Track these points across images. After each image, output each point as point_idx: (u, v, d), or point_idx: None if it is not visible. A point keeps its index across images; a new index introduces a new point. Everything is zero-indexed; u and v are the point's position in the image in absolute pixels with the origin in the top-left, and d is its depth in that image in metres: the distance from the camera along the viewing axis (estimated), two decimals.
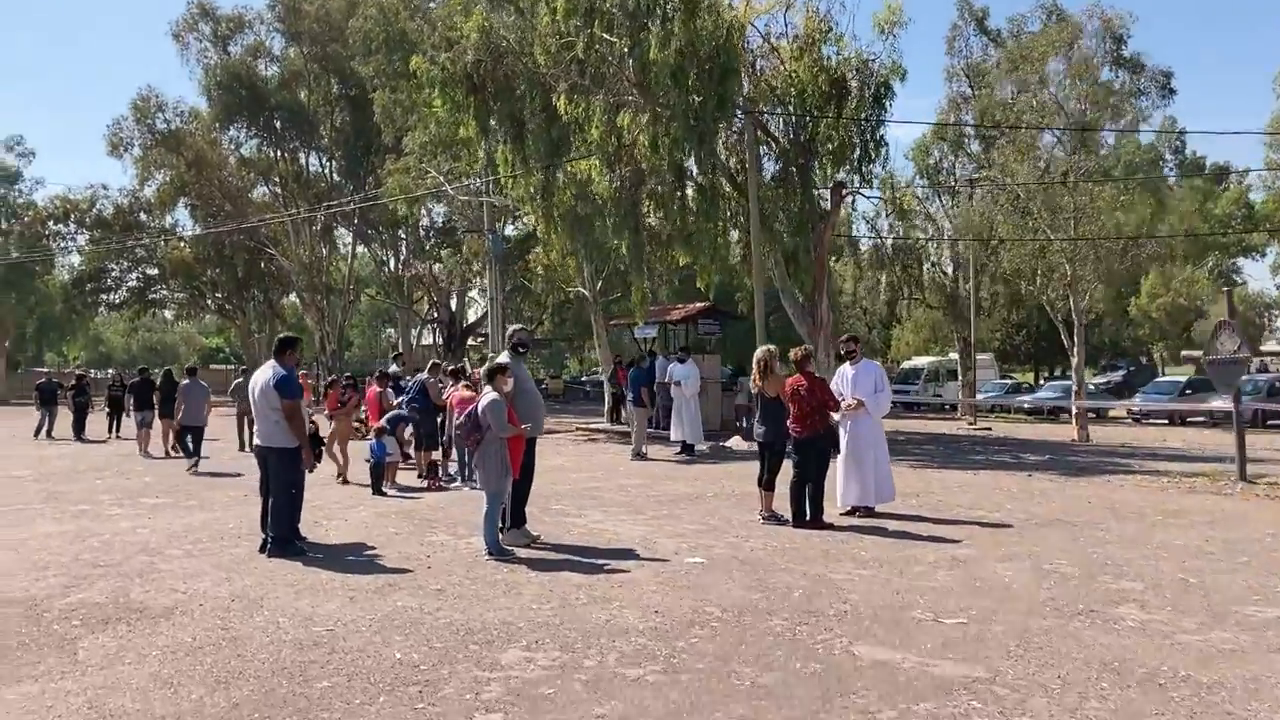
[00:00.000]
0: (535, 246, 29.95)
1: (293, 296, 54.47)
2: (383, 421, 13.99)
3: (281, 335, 9.95)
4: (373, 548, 9.35)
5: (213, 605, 7.09)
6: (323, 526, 10.45)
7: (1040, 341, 53.07)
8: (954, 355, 42.99)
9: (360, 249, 48.43)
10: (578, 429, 24.74)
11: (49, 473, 16.58)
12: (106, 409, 25.49)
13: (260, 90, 42.57)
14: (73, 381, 26.09)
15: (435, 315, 49.59)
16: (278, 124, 43.61)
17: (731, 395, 23.00)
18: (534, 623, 6.50)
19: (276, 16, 42.25)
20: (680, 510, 11.44)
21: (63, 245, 50.94)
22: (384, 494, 13.23)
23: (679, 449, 17.91)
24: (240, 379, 23.09)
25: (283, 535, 9.05)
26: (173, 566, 8.52)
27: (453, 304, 48.09)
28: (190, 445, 17.18)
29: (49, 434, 24.63)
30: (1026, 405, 39.68)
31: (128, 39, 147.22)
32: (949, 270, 40.32)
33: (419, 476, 14.70)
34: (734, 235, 22.18)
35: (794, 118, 20.48)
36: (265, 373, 9.29)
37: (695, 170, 20.37)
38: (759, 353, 10.37)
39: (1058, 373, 59.95)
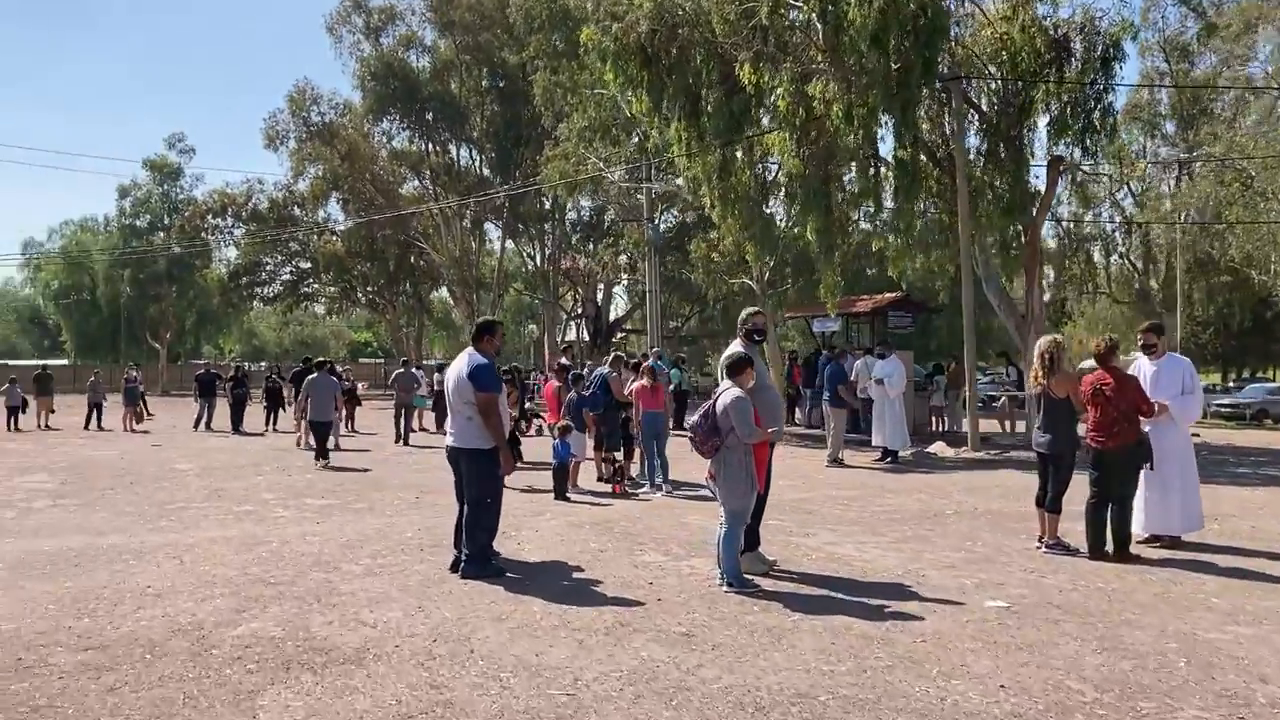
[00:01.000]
0: (694, 237, 28.37)
1: (442, 291, 54.43)
2: (565, 419, 12.55)
3: (482, 319, 8.51)
4: (579, 569, 7.86)
5: (411, 648, 5.67)
6: (512, 539, 9.03)
7: (1230, 340, 48.73)
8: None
9: (508, 243, 47.85)
10: None
11: (210, 467, 15.81)
12: (264, 402, 25.08)
13: (412, 82, 42.19)
14: (231, 373, 25.79)
15: (581, 310, 48.72)
16: (429, 116, 43.15)
17: (925, 396, 20.84)
18: (838, 695, 4.83)
19: (428, 6, 41.77)
20: (925, 531, 9.60)
21: (220, 239, 51.98)
22: (568, 499, 11.81)
23: (880, 455, 16.00)
24: (400, 370, 22.47)
25: (478, 553, 7.63)
26: (353, 587, 7.20)
27: (599, 298, 47.04)
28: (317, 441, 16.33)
29: (208, 425, 24.32)
30: (1225, 409, 36.03)
31: (287, 33, 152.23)
32: (1139, 262, 37.02)
33: (599, 479, 13.27)
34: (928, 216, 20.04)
35: (1005, 85, 18.28)
36: (460, 362, 7.89)
37: (892, 144, 18.40)
38: (1043, 343, 8.44)
39: (1246, 374, 55.34)
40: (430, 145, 45.26)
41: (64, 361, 61.37)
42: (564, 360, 16.70)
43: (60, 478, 14.39)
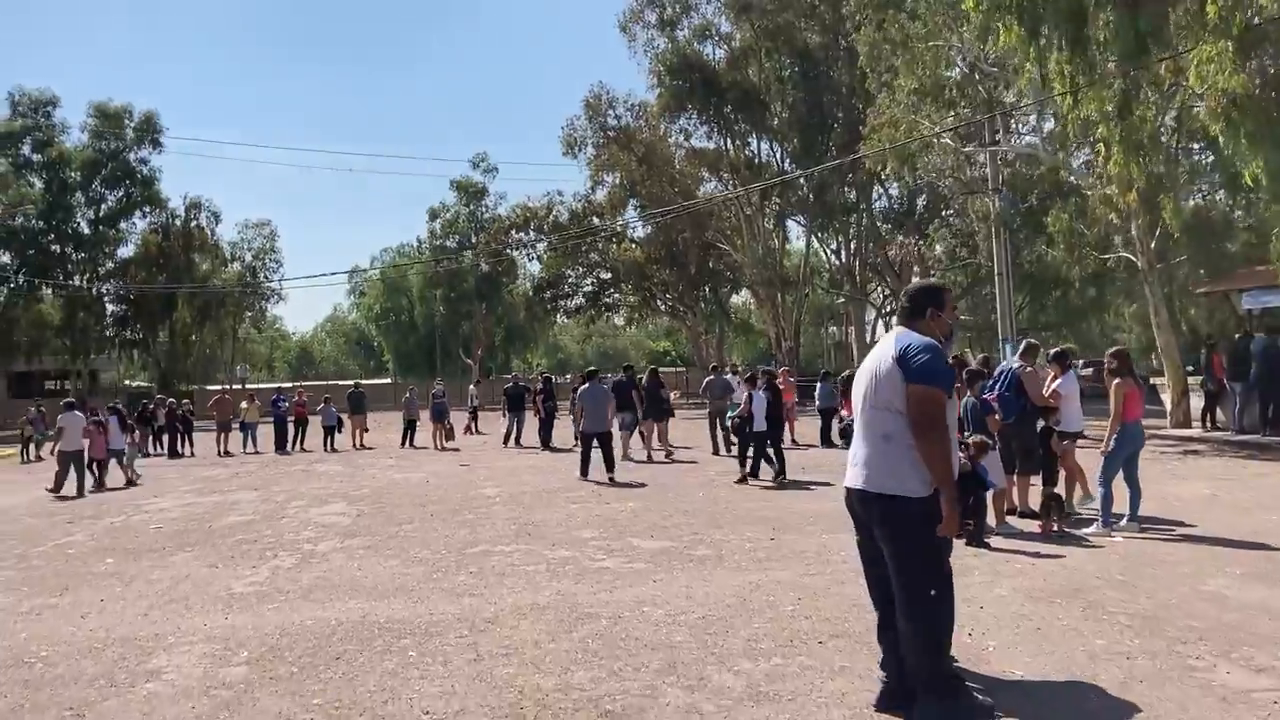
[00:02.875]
0: (1052, 209, 23.83)
1: (742, 293, 52.26)
2: (977, 435, 9.05)
3: (921, 282, 5.26)
4: (1128, 706, 4.49)
5: None
6: (958, 621, 5.77)
7: None
8: None
9: (811, 239, 44.71)
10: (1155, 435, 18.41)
11: (518, 493, 13.62)
12: (571, 414, 23.29)
13: (709, 74, 39.95)
14: (540, 386, 24.26)
15: (893, 307, 44.85)
16: (727, 109, 40.75)
17: None
18: None
19: None
20: None
21: (524, 254, 52.27)
22: (988, 546, 8.39)
23: None
24: (712, 376, 20.29)
25: (936, 683, 4.34)
26: None
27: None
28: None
29: (517, 440, 22.86)
30: None
31: (579, 41, 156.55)
32: None
33: (1009, 513, 9.74)
34: None
35: None
36: (884, 348, 4.62)
37: None
38: None
39: None
40: (729, 141, 42.87)
41: (386, 380, 64.39)
42: None
43: (357, 509, 12.63)
